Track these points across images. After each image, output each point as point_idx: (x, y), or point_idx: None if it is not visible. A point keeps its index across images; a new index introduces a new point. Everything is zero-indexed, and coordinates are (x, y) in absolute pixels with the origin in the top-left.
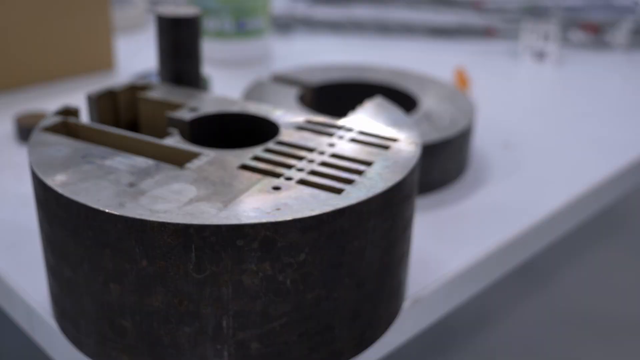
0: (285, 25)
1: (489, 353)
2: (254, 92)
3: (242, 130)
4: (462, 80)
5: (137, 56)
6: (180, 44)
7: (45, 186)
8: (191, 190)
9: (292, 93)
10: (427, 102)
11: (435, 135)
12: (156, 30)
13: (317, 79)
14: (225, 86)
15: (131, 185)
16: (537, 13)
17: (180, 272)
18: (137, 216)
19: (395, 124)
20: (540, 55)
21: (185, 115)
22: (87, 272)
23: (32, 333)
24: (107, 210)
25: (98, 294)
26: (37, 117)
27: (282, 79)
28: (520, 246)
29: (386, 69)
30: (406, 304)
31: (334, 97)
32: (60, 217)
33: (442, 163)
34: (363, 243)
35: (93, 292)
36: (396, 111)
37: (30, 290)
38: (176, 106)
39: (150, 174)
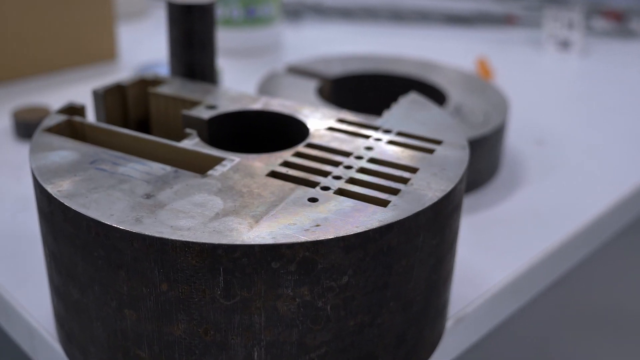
0: (295, 12)
1: (502, 350)
2: (268, 85)
3: (265, 130)
4: (485, 70)
5: (140, 46)
6: (193, 34)
7: (50, 197)
8: (217, 203)
9: (310, 86)
10: (456, 95)
11: (469, 133)
12: (167, 18)
13: (335, 70)
14: (235, 78)
15: (148, 196)
16: (558, 0)
17: (206, 297)
18: (157, 234)
19: (436, 123)
20: (564, 45)
21: (203, 113)
22: (98, 295)
23: (33, 356)
24: (121, 227)
25: (111, 319)
26: (36, 111)
27: (298, 71)
28: (567, 254)
29: (408, 60)
30: (449, 323)
31: (353, 90)
32: (67, 232)
33: (475, 163)
34: (411, 261)
35: (105, 317)
36: (435, 109)
37: (32, 308)
38: (192, 103)
39: (169, 182)
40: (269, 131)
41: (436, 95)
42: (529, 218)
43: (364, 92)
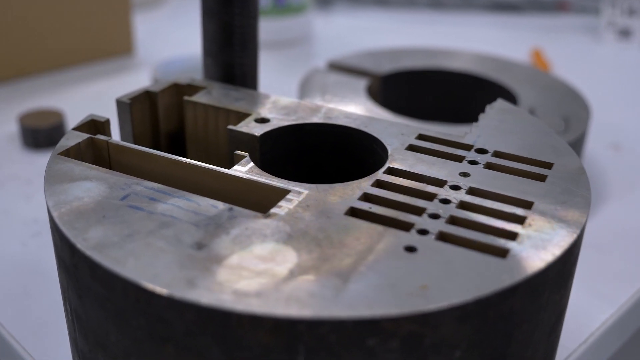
0: None
1: None
2: (310, 84)
3: (327, 148)
4: (542, 63)
5: (158, 38)
6: (233, 30)
7: (73, 248)
8: (289, 255)
9: (359, 86)
10: (527, 96)
11: None
12: (201, 11)
13: (384, 66)
14: (266, 74)
15: (199, 246)
16: None
17: None
18: (217, 303)
19: (537, 139)
20: (625, 34)
21: (254, 129)
22: None
23: None
24: (169, 294)
25: None
26: (45, 116)
27: (341, 67)
28: None
29: (464, 53)
30: None
31: (406, 89)
32: (96, 293)
33: None
34: (533, 325)
35: None
36: (532, 119)
37: None
38: (238, 115)
39: (223, 225)
40: (331, 149)
41: (503, 96)
42: (621, 240)
43: (418, 92)
